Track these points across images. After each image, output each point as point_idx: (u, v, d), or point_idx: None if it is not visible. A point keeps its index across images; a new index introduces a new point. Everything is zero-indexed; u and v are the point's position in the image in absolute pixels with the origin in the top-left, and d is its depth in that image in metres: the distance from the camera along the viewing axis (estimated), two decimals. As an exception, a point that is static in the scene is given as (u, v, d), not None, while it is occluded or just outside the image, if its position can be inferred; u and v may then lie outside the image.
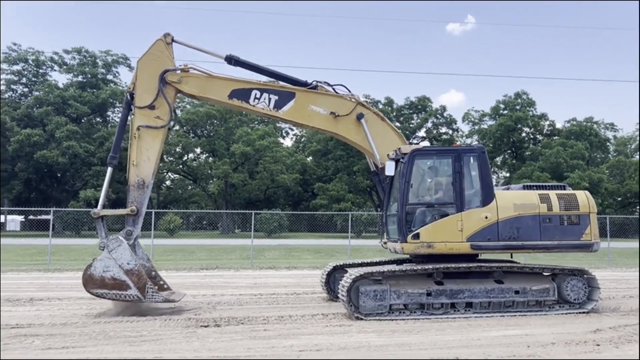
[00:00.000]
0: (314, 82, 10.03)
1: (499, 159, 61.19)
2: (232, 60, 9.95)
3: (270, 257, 23.61)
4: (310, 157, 59.57)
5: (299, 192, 58.88)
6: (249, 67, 10.01)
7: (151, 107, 9.32)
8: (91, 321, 8.38)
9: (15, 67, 52.41)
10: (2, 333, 7.46)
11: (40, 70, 53.30)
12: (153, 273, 9.58)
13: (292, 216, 44.87)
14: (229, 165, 50.64)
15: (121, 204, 48.89)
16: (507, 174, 59.53)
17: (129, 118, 9.65)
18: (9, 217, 62.89)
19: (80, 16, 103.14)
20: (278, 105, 9.72)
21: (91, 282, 8.65)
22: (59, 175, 51.40)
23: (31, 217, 56.68)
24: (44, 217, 48.77)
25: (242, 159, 51.89)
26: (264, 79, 10.11)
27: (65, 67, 52.71)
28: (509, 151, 60.76)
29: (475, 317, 8.78)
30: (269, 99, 9.70)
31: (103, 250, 8.77)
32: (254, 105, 9.72)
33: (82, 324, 8.11)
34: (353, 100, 9.99)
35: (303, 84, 9.97)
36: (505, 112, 58.54)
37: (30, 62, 52.27)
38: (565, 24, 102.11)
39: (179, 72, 9.49)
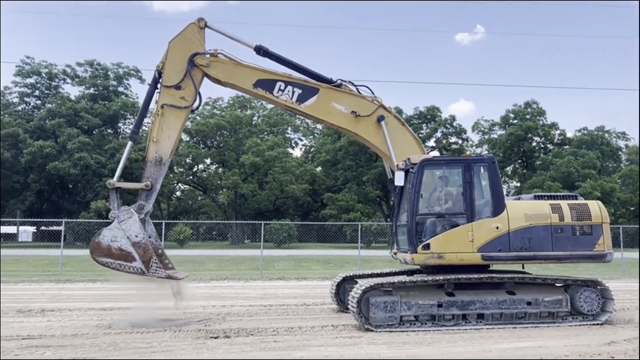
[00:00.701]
0: (339, 81, 10.08)
1: (509, 169, 60.82)
2: (261, 50, 10.07)
3: (279, 267, 23.57)
4: (320, 167, 59.59)
5: (308, 203, 58.86)
6: (277, 59, 10.12)
7: (177, 87, 9.47)
8: (102, 332, 8.40)
9: (29, 80, 53.13)
10: (14, 344, 7.49)
11: (53, 83, 54.00)
12: (160, 251, 9.53)
13: (301, 226, 44.83)
14: (238, 176, 50.79)
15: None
16: (518, 184, 59.14)
17: (154, 96, 9.70)
18: (21, 228, 63.38)
19: (92, 29, 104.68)
20: (301, 99, 9.80)
21: (98, 250, 8.74)
22: (70, 186, 51.85)
23: (43, 228, 57.11)
24: (55, 228, 49.09)
25: (251, 169, 52.03)
26: (289, 72, 10.14)
27: (77, 79, 53.35)
28: (519, 161, 60.40)
29: (487, 328, 8.69)
30: (293, 92, 9.78)
31: (113, 220, 8.83)
32: (277, 97, 9.80)
33: (93, 335, 8.13)
34: (375, 102, 10.01)
35: (328, 81, 10.04)
36: (515, 121, 58.28)
37: (44, 75, 52.98)
38: (574, 33, 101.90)
39: (208, 56, 9.62)
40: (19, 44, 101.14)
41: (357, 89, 10.18)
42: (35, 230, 61.74)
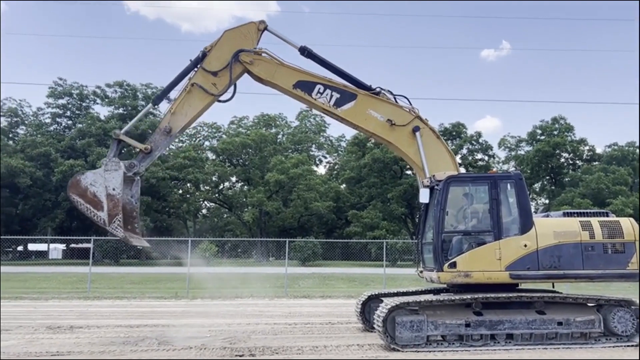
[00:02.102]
0: (378, 88, 10.14)
1: (537, 186, 59.80)
2: (305, 51, 10.21)
3: (304, 285, 23.49)
4: (344, 185, 59.53)
5: (333, 220, 58.74)
6: (320, 62, 10.24)
7: (214, 73, 9.64)
8: (129, 349, 8.47)
9: (61, 101, 54.72)
10: (43, 360, 7.60)
11: (84, 104, 55.48)
12: (134, 214, 9.58)
13: (326, 244, 44.68)
14: (263, 194, 51.09)
15: (158, 233, 49.84)
16: (546, 201, 58.06)
17: (190, 74, 9.82)
18: (52, 245, 64.64)
19: (122, 51, 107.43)
20: (338, 103, 9.88)
21: (75, 187, 8.95)
22: (99, 204, 52.74)
23: (73, 245, 58.20)
24: (84, 245, 50.02)
25: (276, 187, 52.30)
26: (330, 76, 10.24)
27: (107, 100, 54.74)
28: (547, 177, 59.37)
29: (517, 349, 8.49)
30: (331, 96, 9.88)
31: (101, 166, 9.07)
32: (315, 99, 9.89)
33: (120, 352, 8.21)
34: (412, 112, 10.01)
35: (367, 87, 10.10)
36: (543, 137, 57.44)
37: (75, 96, 54.51)
38: (602, 47, 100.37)
39: (252, 53, 9.78)
40: (51, 66, 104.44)
41: (395, 98, 10.21)
42: (65, 248, 62.92)
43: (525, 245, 8.84)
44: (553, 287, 9.97)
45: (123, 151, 9.79)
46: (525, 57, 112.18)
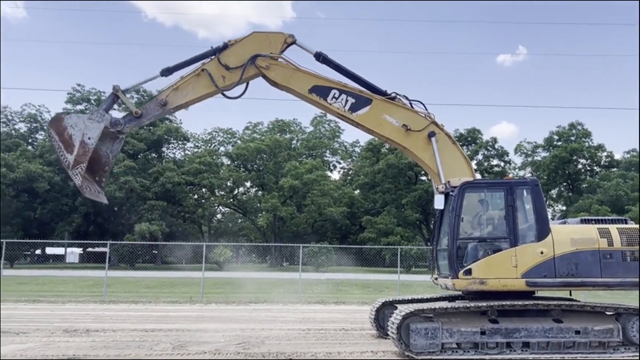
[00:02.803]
0: (393, 93, 10.14)
1: (554, 192, 59.13)
2: (320, 57, 10.26)
3: (318, 291, 23.45)
4: (358, 190, 59.43)
5: (347, 225, 58.65)
6: (335, 67, 10.28)
7: (227, 67, 9.70)
8: (143, 353, 8.53)
9: (79, 107, 55.43)
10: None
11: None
12: (106, 168, 9.77)
13: (339, 250, 44.59)
14: (277, 199, 51.22)
15: (174, 237, 50.18)
16: (563, 207, 57.35)
17: (205, 60, 9.89)
18: (69, 249, 65.46)
19: (138, 57, 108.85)
20: (353, 108, 9.89)
21: (56, 123, 9.17)
22: (115, 209, 53.37)
23: (89, 249, 58.85)
24: (100, 249, 50.53)
25: (290, 192, 52.40)
26: (345, 81, 10.27)
27: (124, 105, 55.28)
28: (564, 184, 58.68)
29: (533, 357, 8.37)
30: (346, 101, 9.89)
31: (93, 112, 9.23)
32: (330, 104, 9.91)
33: (135, 356, 8.26)
34: (428, 118, 9.98)
35: (382, 92, 10.11)
36: (560, 143, 56.85)
37: (93, 102, 55.21)
38: (620, 52, 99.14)
39: (269, 58, 9.82)
40: (70, 72, 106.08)
41: (410, 103, 10.18)
42: (81, 252, 63.66)
43: (542, 253, 8.73)
44: (570, 295, 9.84)
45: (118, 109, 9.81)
46: (542, 62, 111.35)
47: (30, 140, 58.49)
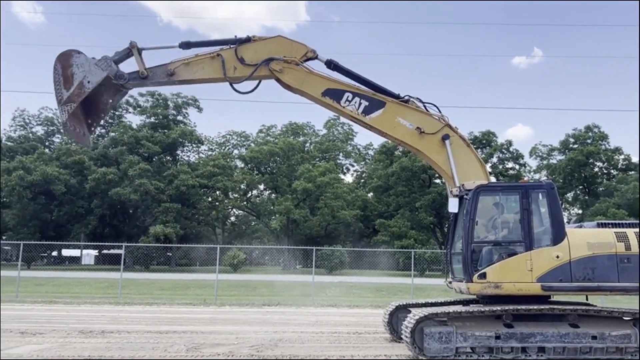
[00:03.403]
0: (407, 96, 10.11)
1: (570, 195, 58.48)
2: (331, 64, 10.28)
3: (331, 294, 23.43)
4: (371, 193, 59.30)
5: (360, 229, 58.55)
6: (346, 74, 10.28)
7: (242, 60, 9.74)
8: (157, 355, 8.58)
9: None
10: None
11: (117, 113, 56.78)
12: (102, 115, 9.93)
13: (353, 253, 44.52)
14: (290, 202, 51.30)
15: (188, 240, 50.47)
16: (580, 211, 56.69)
17: (224, 47, 9.95)
18: (84, 251, 66.13)
19: (154, 61, 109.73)
20: (367, 111, 9.86)
21: (64, 58, 9.22)
22: (130, 211, 53.89)
23: (104, 251, 59.42)
24: (116, 251, 50.99)
25: (303, 195, 52.46)
26: (358, 85, 10.25)
27: (139, 109, 55.91)
28: (580, 187, 58.00)
29: (549, 363, 8.27)
30: (359, 104, 9.86)
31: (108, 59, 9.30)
32: (343, 107, 9.89)
33: (149, 357, 8.32)
34: (442, 120, 9.93)
35: (395, 96, 10.08)
36: (576, 146, 56.25)
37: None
38: (636, 53, 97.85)
39: (282, 62, 9.83)
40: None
41: (424, 106, 10.14)
42: (97, 254, 64.29)
43: (558, 257, 8.64)
44: (587, 299, 9.72)
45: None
46: (558, 64, 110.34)
47: (47, 143, 59.31)
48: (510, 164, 57.52)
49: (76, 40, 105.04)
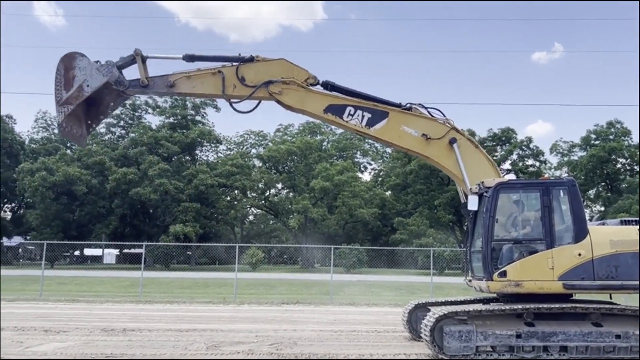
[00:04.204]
0: (409, 104, 10.04)
1: (592, 192, 57.53)
2: (328, 85, 10.24)
3: (349, 293, 23.42)
4: (389, 192, 59.09)
5: (378, 227, 58.39)
6: (345, 92, 10.23)
7: (243, 79, 9.71)
8: (178, 353, 8.67)
9: (114, 112, 56.75)
10: (98, 361, 7.88)
11: (136, 114, 57.47)
12: (101, 117, 10.02)
13: (371, 251, 44.41)
14: (308, 200, 51.38)
15: (207, 239, 50.83)
16: (602, 208, 55.75)
17: (227, 63, 9.95)
18: (106, 250, 67.11)
19: (172, 62, 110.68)
20: (370, 123, 9.79)
21: (67, 59, 9.30)
22: (150, 211, 54.48)
23: (125, 250, 60.23)
24: (136, 250, 51.65)
25: (321, 194, 52.50)
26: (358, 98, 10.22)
27: (158, 109, 56.50)
28: (602, 184, 57.03)
29: (572, 362, 8.16)
30: (362, 116, 9.80)
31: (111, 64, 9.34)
32: (347, 122, 9.84)
33: (170, 356, 8.42)
34: (447, 124, 9.85)
35: (397, 105, 10.01)
36: (597, 142, 55.31)
37: (128, 107, 56.51)
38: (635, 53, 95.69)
39: (280, 83, 9.78)
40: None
41: (428, 111, 10.07)
42: (118, 253, 65.22)
43: (580, 255, 8.51)
44: (610, 298, 9.56)
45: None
46: (579, 59, 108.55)
47: (68, 145, 60.25)
48: (530, 161, 56.80)
49: (95, 42, 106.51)
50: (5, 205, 64.74)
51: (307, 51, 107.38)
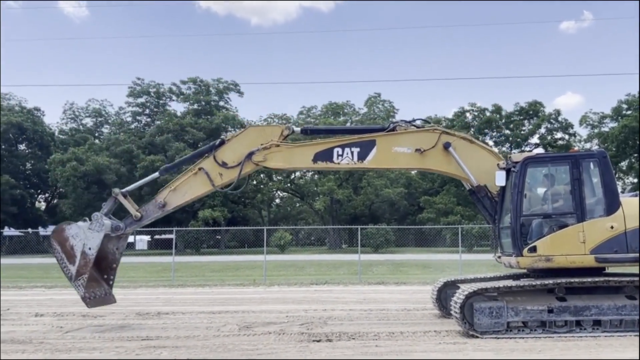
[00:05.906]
0: (390, 124, 9.88)
1: (624, 164, 56.09)
2: (307, 131, 10.28)
3: (378, 272, 23.50)
4: (415, 170, 58.68)
5: (405, 206, 58.19)
6: (325, 132, 10.19)
7: (224, 164, 9.58)
8: (212, 334, 8.87)
9: (140, 100, 57.49)
10: (135, 344, 8.12)
11: (161, 101, 58.06)
12: (114, 265, 9.79)
13: (398, 231, 44.36)
14: (333, 182, 51.41)
15: (235, 223, 51.35)
16: (635, 180, 54.36)
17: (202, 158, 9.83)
18: (138, 237, 68.46)
19: (194, 48, 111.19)
20: (361, 157, 9.54)
21: (58, 234, 9.24)
22: (179, 196, 55.23)
23: (156, 236, 61.38)
24: (167, 236, 52.58)
25: (346, 175, 52.43)
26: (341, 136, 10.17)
27: (182, 96, 57.01)
28: (635, 155, 55.51)
29: (605, 336, 8.07)
30: (352, 153, 9.54)
31: (91, 219, 9.17)
32: (338, 163, 9.62)
33: (204, 337, 8.61)
34: (435, 131, 9.66)
35: (380, 129, 9.86)
36: (629, 112, 53.68)
37: (152, 94, 57.14)
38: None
39: (262, 150, 9.55)
40: (130, 66, 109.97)
41: (411, 124, 9.83)
42: (149, 239, 66.54)
43: (612, 227, 8.35)
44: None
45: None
46: (609, 28, 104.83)
47: (96, 134, 61.40)
48: (559, 134, 55.61)
49: (119, 32, 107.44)
50: (40, 196, 66.66)
51: (329, 31, 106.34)
